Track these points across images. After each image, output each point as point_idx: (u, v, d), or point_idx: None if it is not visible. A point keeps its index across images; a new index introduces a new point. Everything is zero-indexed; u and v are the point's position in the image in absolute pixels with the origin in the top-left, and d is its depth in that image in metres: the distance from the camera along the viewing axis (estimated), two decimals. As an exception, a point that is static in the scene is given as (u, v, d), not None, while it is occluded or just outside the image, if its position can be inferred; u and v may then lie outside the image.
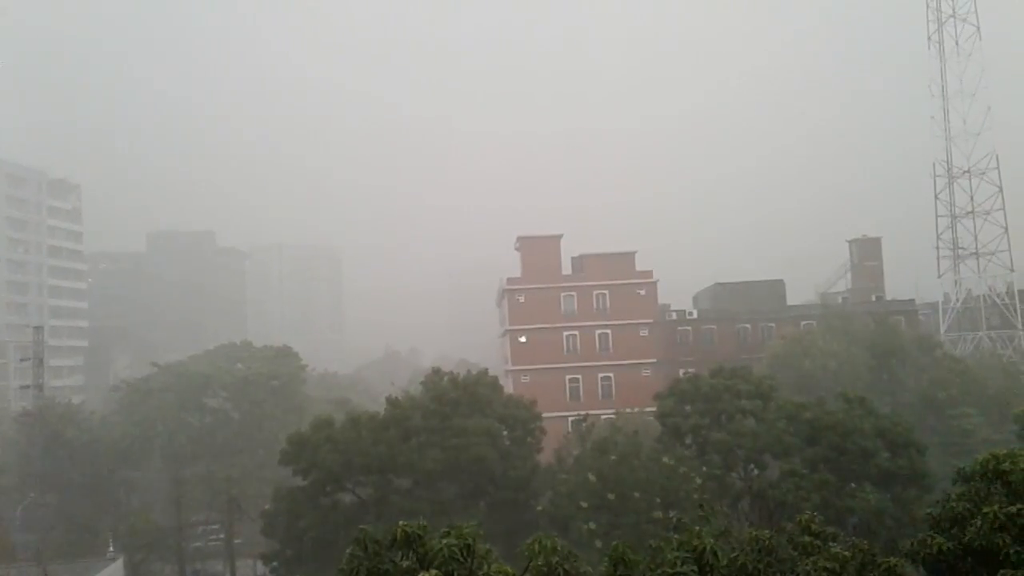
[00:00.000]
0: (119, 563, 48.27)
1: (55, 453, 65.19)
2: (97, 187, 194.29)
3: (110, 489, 66.86)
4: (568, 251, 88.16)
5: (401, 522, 17.61)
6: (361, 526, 18.24)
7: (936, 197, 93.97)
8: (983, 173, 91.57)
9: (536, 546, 18.44)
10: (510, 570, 17.29)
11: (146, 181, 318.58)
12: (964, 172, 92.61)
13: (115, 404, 79.79)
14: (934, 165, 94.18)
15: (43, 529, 62.06)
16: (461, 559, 16.63)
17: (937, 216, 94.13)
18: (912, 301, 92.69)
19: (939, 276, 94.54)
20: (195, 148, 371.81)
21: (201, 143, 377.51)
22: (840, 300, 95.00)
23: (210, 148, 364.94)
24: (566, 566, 18.39)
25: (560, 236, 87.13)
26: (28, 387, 68.79)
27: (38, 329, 71.71)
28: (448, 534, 17.25)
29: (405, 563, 17.09)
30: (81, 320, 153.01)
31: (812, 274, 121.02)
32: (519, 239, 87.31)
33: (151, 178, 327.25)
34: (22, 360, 78.95)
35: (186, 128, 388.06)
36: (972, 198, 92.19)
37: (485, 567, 16.98)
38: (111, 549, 51.53)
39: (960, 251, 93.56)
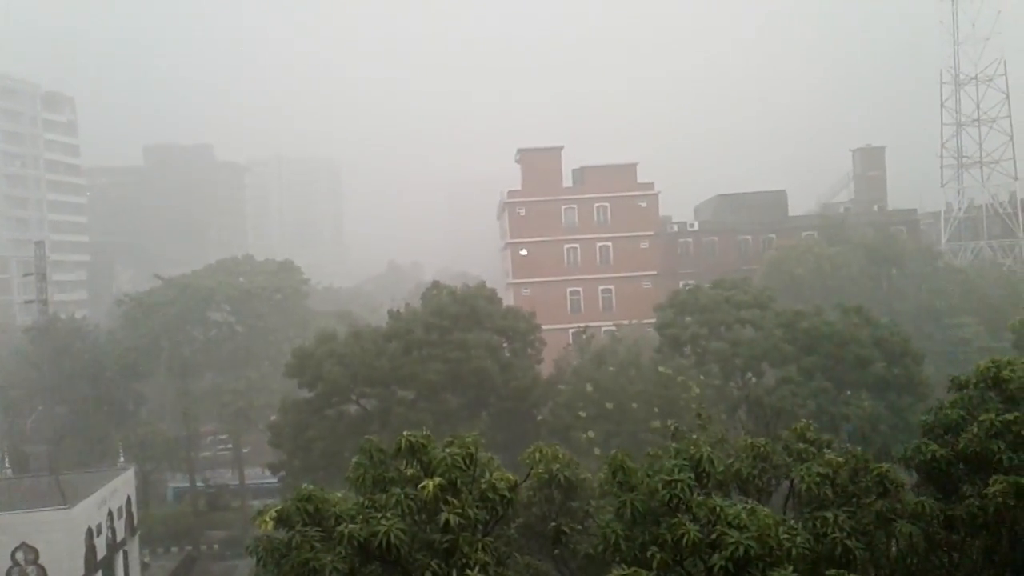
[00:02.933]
0: (130, 472, 49.33)
1: (62, 366, 65.97)
2: (90, 99, 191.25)
3: (118, 401, 67.91)
4: (569, 163, 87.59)
5: (405, 432, 17.99)
6: (366, 436, 18.64)
7: (942, 104, 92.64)
8: (990, 80, 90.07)
9: (537, 454, 18.89)
10: (512, 477, 17.73)
11: (139, 93, 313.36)
12: (971, 78, 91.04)
13: (119, 318, 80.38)
14: (941, 72, 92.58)
15: (54, 440, 63.30)
16: (464, 467, 17.04)
17: (942, 124, 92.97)
18: (914, 211, 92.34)
19: (942, 185, 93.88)
20: (188, 58, 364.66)
21: (195, 53, 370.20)
22: (842, 210, 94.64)
23: (204, 59, 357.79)
24: (566, 473, 18.89)
25: (561, 148, 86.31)
26: (32, 302, 69.06)
27: (39, 244, 71.54)
28: (451, 443, 17.64)
29: (409, 471, 17.52)
30: (82, 235, 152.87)
31: (815, 184, 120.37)
32: (519, 151, 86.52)
33: (144, 89, 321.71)
34: (25, 275, 79.24)
35: (177, 38, 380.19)
36: (978, 105, 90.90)
37: (487, 475, 17.41)
38: (122, 459, 52.61)
39: (964, 159, 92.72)
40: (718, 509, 14.47)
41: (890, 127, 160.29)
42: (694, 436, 18.10)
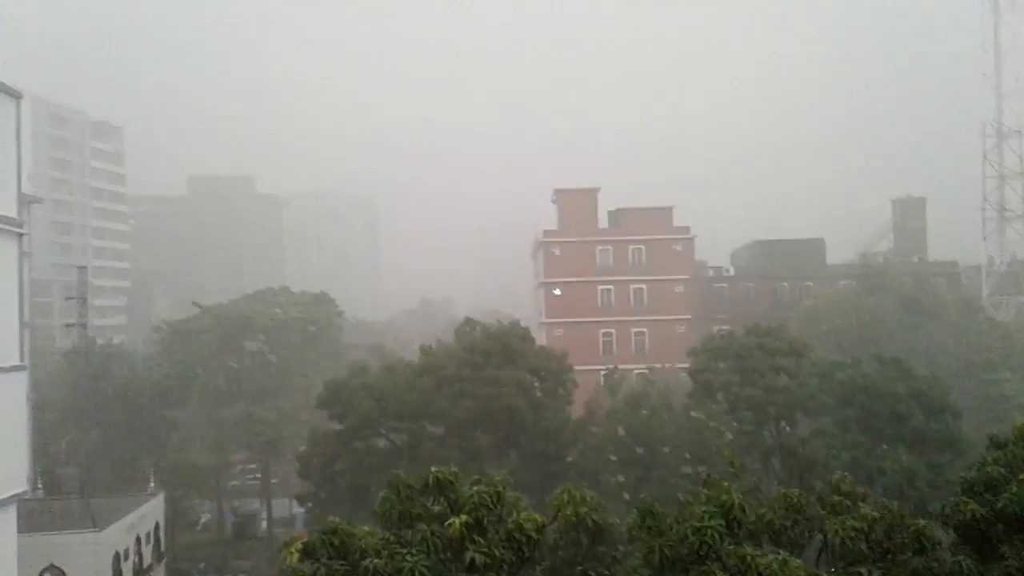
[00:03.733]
0: (159, 498, 49.63)
1: (98, 390, 66.79)
2: (138, 130, 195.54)
3: (151, 427, 68.44)
4: (605, 205, 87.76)
5: (433, 468, 17.94)
6: (394, 471, 18.62)
7: (985, 157, 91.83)
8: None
9: (565, 496, 18.69)
10: (539, 518, 17.57)
11: (186, 124, 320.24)
12: (1015, 131, 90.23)
13: (156, 344, 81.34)
14: (984, 124, 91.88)
15: (86, 464, 63.89)
16: (491, 506, 16.93)
17: (985, 177, 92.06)
18: (955, 263, 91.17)
19: (984, 238, 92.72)
20: (233, 94, 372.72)
21: (240, 89, 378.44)
22: (881, 260, 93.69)
23: (248, 94, 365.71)
24: (595, 516, 18.65)
25: (597, 190, 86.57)
26: (72, 325, 70.28)
27: (82, 269, 73.08)
28: (479, 481, 17.55)
29: (436, 508, 17.43)
30: (123, 261, 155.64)
31: (854, 235, 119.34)
32: (556, 191, 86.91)
33: (190, 121, 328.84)
34: (67, 299, 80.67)
35: (224, 74, 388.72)
36: (1021, 159, 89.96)
37: (514, 514, 17.27)
38: (152, 484, 52.97)
39: (1007, 213, 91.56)
40: (749, 559, 14.21)
41: (932, 178, 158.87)
42: (726, 484, 17.82)
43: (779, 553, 15.51)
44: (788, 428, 42.68)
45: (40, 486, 51.77)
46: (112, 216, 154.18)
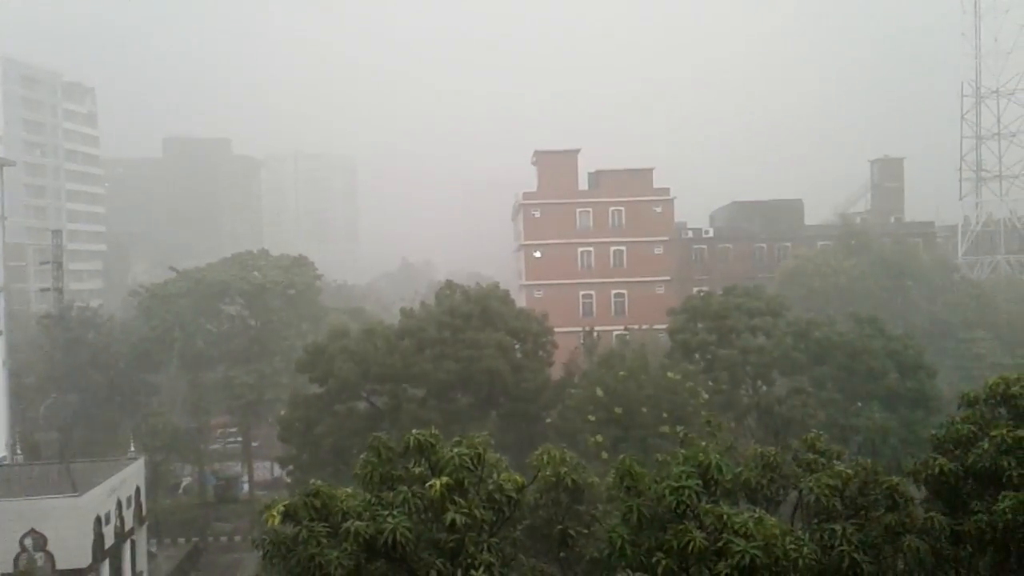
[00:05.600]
0: (140, 462, 49.55)
1: (76, 355, 66.41)
2: (110, 91, 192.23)
3: (130, 391, 68.28)
4: (584, 165, 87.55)
5: (414, 431, 18.03)
6: (375, 433, 18.68)
7: (962, 117, 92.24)
8: (1012, 93, 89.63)
9: (545, 457, 18.90)
10: (519, 478, 17.75)
11: (159, 85, 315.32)
12: (992, 92, 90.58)
13: (133, 308, 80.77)
14: (962, 84, 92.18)
15: (65, 428, 63.70)
16: (471, 467, 17.08)
17: (962, 137, 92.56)
18: (931, 223, 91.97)
19: (960, 198, 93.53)
20: (207, 53, 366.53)
21: (214, 48, 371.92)
22: (859, 221, 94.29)
23: (223, 53, 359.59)
24: (574, 476, 18.87)
25: (577, 151, 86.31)
26: (48, 290, 69.59)
27: (56, 232, 72.08)
28: (459, 443, 17.68)
29: (417, 470, 17.56)
30: (98, 225, 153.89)
31: (832, 195, 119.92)
32: (536, 153, 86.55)
33: (164, 82, 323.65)
34: (42, 263, 79.76)
35: (198, 32, 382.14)
36: (999, 119, 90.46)
37: (495, 476, 17.43)
38: (132, 448, 52.88)
39: (983, 173, 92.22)
40: (725, 517, 14.44)
41: (909, 139, 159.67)
42: (703, 443, 18.05)
43: (755, 511, 15.77)
44: (764, 387, 43.16)
45: (19, 452, 51.55)
46: (86, 179, 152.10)
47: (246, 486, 69.34)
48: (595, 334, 54.17)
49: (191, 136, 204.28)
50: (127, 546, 45.77)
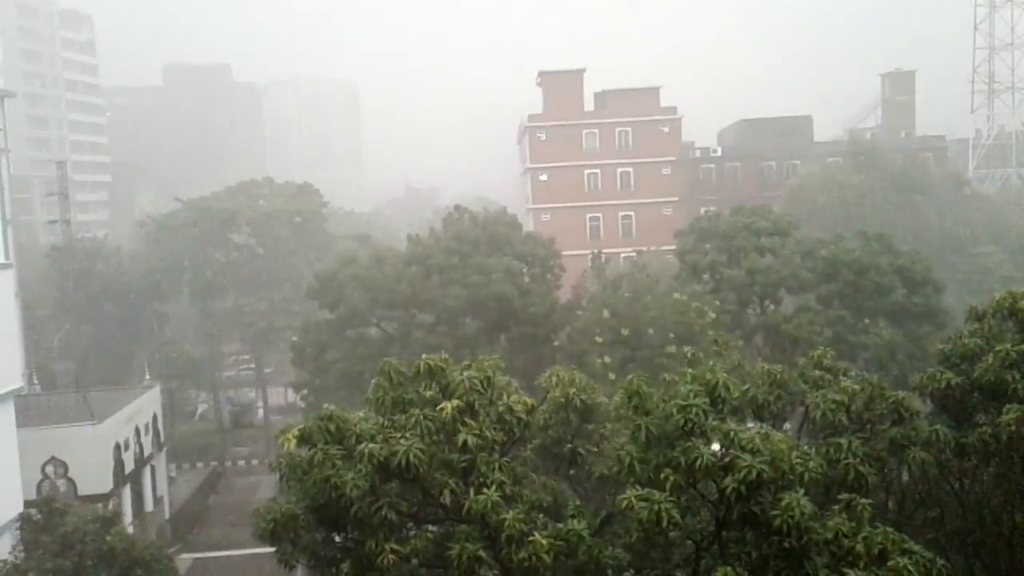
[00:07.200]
0: (156, 390, 50.41)
1: (86, 286, 66.83)
2: (108, 19, 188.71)
3: (142, 321, 68.94)
4: (591, 88, 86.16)
5: (424, 355, 18.21)
6: (386, 359, 18.87)
7: (975, 27, 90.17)
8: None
9: (554, 378, 19.11)
10: (529, 400, 17.98)
11: (157, 11, 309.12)
12: (1006, 0, 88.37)
13: (141, 239, 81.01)
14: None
15: (80, 358, 64.56)
16: (481, 390, 17.29)
17: (975, 48, 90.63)
18: (942, 137, 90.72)
19: (972, 111, 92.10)
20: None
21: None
22: (869, 136, 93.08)
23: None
24: (582, 397, 19.11)
25: (583, 71, 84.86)
26: (55, 222, 69.56)
27: (61, 164, 71.70)
28: (469, 367, 17.86)
29: (428, 393, 17.78)
30: (102, 155, 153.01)
31: (843, 111, 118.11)
32: (540, 74, 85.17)
33: (161, 7, 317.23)
34: (48, 195, 79.50)
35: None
36: (1012, 28, 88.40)
37: (505, 398, 17.66)
38: (147, 377, 53.67)
39: (996, 85, 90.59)
40: (732, 433, 14.64)
41: (921, 51, 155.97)
42: (710, 362, 18.18)
43: (762, 427, 15.98)
44: (772, 306, 43.26)
45: (36, 382, 52.40)
46: (88, 109, 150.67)
47: (261, 411, 70.61)
48: (603, 257, 54.10)
49: (191, 63, 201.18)
50: (147, 471, 46.92)
